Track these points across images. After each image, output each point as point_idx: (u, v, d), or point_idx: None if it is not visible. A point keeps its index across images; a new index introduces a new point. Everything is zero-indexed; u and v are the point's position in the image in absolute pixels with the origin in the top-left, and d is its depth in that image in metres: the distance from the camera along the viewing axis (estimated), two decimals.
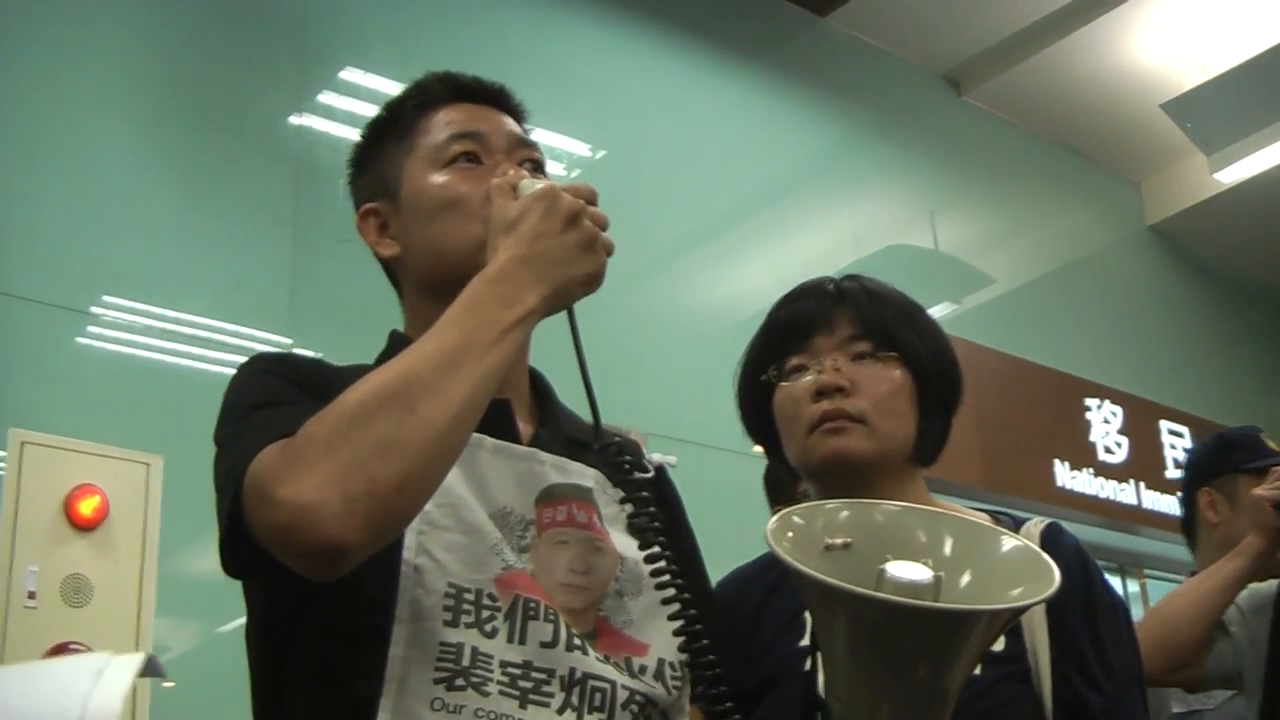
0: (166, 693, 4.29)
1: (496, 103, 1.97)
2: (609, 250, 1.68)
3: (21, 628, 3.83)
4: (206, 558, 1.60)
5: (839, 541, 1.48)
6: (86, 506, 4.06)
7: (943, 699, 1.40)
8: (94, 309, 4.85)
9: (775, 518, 1.49)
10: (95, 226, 4.92)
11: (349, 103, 5.80)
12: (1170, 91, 8.53)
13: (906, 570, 1.40)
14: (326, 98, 5.83)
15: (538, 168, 1.89)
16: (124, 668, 1.23)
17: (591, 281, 1.67)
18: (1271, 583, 3.53)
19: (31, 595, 3.89)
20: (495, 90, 1.98)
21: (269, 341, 5.12)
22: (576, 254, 1.64)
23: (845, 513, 1.54)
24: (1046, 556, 1.45)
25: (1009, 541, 1.49)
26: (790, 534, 1.48)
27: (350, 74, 5.92)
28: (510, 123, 1.94)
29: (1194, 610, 3.44)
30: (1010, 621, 1.54)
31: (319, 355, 1.84)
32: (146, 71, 5.35)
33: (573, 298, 1.67)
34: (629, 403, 5.87)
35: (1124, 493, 8.68)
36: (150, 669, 1.30)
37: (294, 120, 5.72)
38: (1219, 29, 8.31)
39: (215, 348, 5.00)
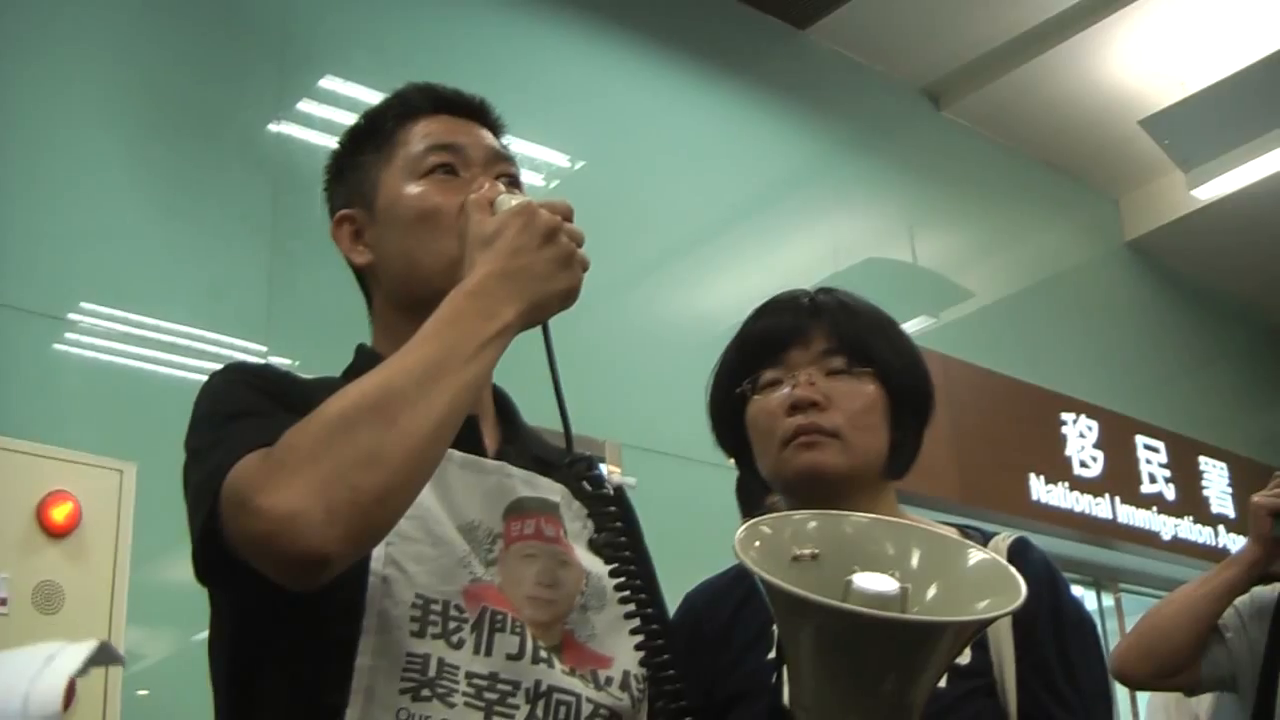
0: (139, 700, 4.28)
1: (476, 116, 1.97)
2: (585, 266, 1.68)
3: None
4: (180, 565, 1.60)
5: (807, 552, 1.48)
6: (59, 513, 4.04)
7: (908, 711, 1.40)
8: (71, 315, 4.84)
9: (743, 527, 1.50)
10: (73, 233, 4.91)
11: (328, 111, 5.80)
12: (1149, 108, 8.57)
13: (873, 581, 1.40)
14: (306, 106, 5.83)
15: (514, 182, 1.89)
16: (74, 654, 1.25)
17: (568, 297, 1.67)
18: (1276, 586, 3.51)
19: (2, 602, 3.87)
20: (475, 104, 1.99)
21: (245, 349, 5.10)
22: (553, 269, 1.64)
23: (814, 524, 1.54)
24: (1013, 569, 1.45)
25: (976, 554, 1.49)
26: (758, 544, 1.48)
27: (330, 82, 5.92)
28: (489, 136, 1.95)
29: (1184, 617, 3.44)
30: (976, 633, 1.54)
31: (295, 363, 1.84)
32: (126, 79, 5.34)
33: (549, 312, 1.68)
34: (605, 414, 5.88)
35: (1099, 507, 8.70)
36: (105, 656, 1.31)
37: (273, 128, 5.71)
38: (1197, 46, 8.34)
39: (192, 355, 4.99)
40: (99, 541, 4.11)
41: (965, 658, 1.91)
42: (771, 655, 2.01)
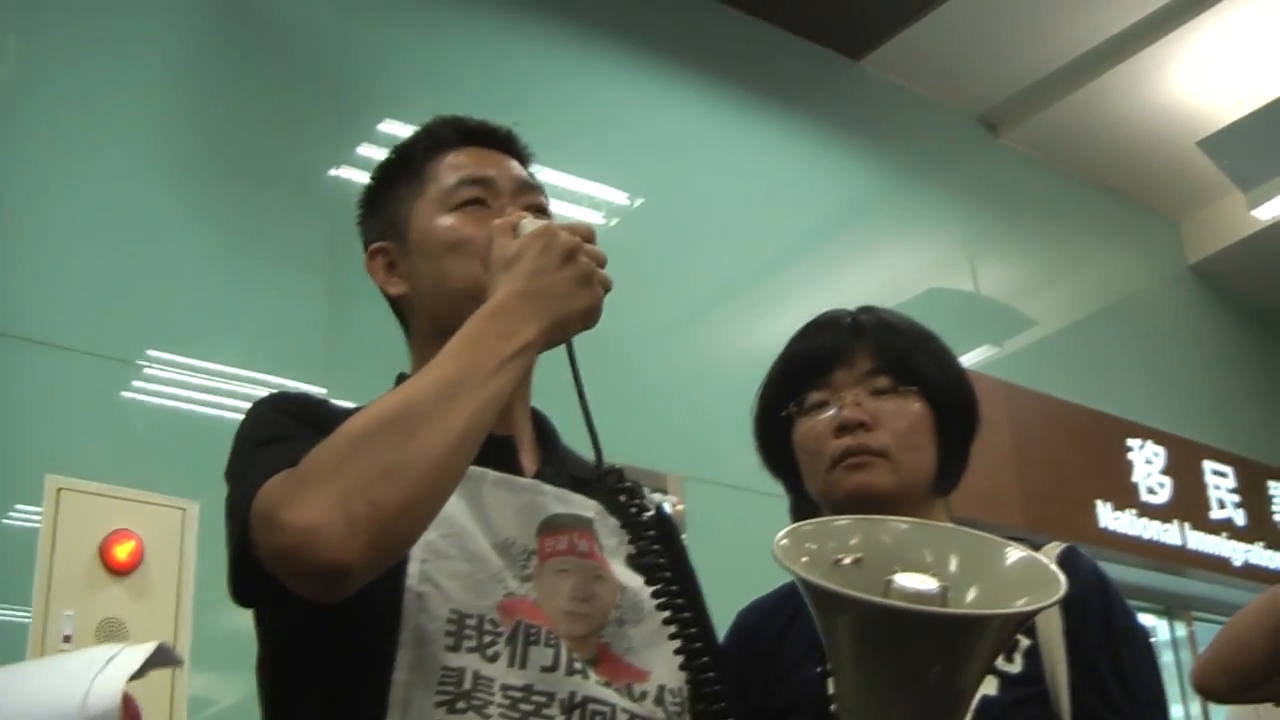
0: None
1: (504, 146, 2.01)
2: (606, 286, 1.71)
3: None
4: None
5: (849, 559, 1.49)
6: (122, 551, 4.09)
7: (953, 706, 1.40)
8: (136, 360, 4.89)
9: (785, 534, 1.51)
10: (136, 279, 4.96)
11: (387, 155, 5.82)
12: (1208, 128, 8.50)
13: (914, 581, 1.41)
14: (365, 150, 5.87)
15: (542, 210, 1.93)
16: (134, 654, 1.29)
17: (588, 316, 1.70)
18: None
19: (67, 639, 3.91)
20: (503, 134, 2.02)
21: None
22: (573, 289, 1.67)
23: (855, 532, 1.55)
24: (1053, 565, 1.45)
25: (1015, 553, 1.49)
26: (804, 559, 1.49)
27: (389, 126, 5.96)
28: (516, 167, 1.98)
29: (1261, 626, 3.36)
30: (1017, 628, 1.54)
31: (355, 405, 1.86)
32: (186, 124, 5.40)
33: (570, 332, 1.71)
34: (668, 448, 5.87)
35: (1168, 533, 8.60)
36: (164, 657, 1.35)
37: (332, 172, 5.75)
38: (1253, 65, 8.28)
39: (251, 399, 5.02)
40: (162, 579, 4.14)
41: (1017, 666, 1.91)
42: (820, 669, 2.02)
